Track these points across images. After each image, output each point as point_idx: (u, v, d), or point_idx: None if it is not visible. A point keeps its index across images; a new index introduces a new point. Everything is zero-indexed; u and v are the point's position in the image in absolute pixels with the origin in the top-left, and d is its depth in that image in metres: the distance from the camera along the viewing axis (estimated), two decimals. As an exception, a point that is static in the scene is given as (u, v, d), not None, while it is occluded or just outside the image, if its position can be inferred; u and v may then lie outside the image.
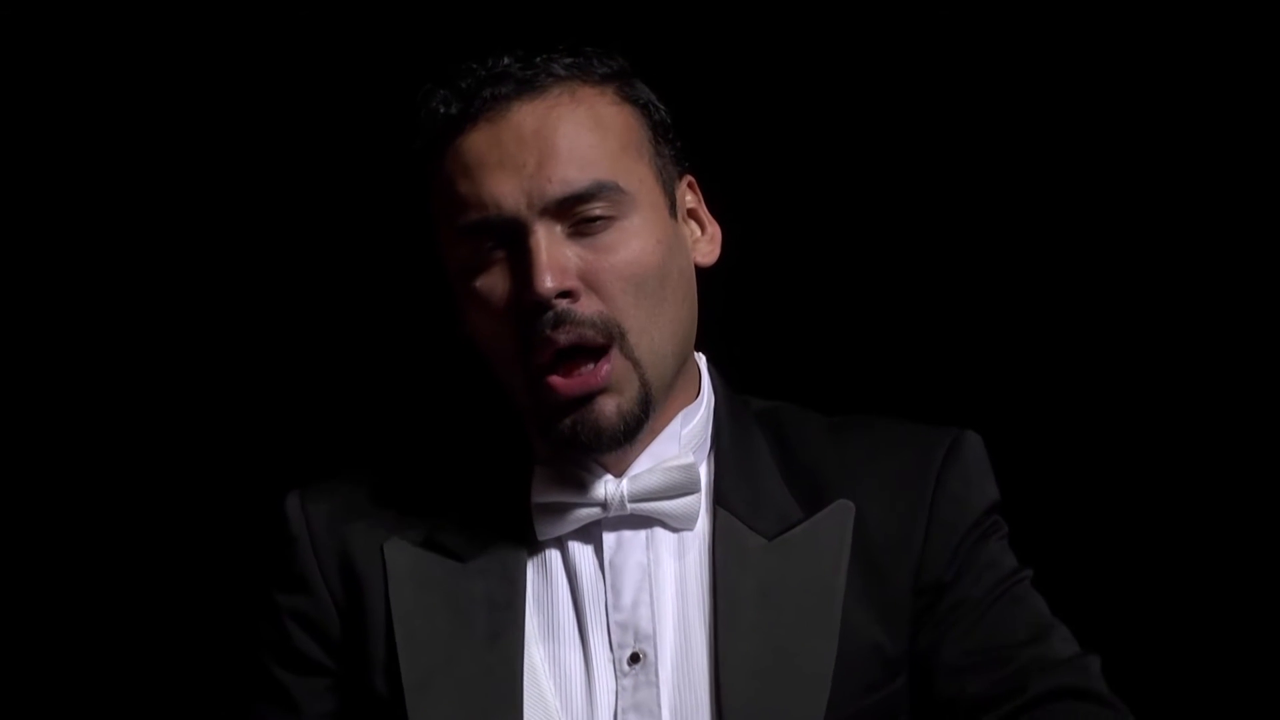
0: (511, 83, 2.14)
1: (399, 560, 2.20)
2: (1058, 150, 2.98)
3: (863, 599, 2.15)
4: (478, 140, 2.13)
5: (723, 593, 2.15)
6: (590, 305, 2.12)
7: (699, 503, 2.20)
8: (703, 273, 2.27)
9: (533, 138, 2.12)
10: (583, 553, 2.19)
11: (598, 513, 2.18)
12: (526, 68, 2.15)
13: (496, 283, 2.13)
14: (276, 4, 3.02)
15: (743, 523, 2.18)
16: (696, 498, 2.19)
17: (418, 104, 2.19)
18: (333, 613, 2.23)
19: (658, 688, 2.14)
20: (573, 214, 2.12)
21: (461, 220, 2.13)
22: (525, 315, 2.11)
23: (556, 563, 2.20)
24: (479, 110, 2.13)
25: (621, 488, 2.18)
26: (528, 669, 2.15)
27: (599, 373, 2.12)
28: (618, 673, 2.15)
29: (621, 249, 2.13)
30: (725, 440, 2.25)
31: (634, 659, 2.15)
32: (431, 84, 2.18)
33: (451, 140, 2.15)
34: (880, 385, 2.96)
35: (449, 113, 2.15)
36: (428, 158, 2.18)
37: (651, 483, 2.18)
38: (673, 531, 2.20)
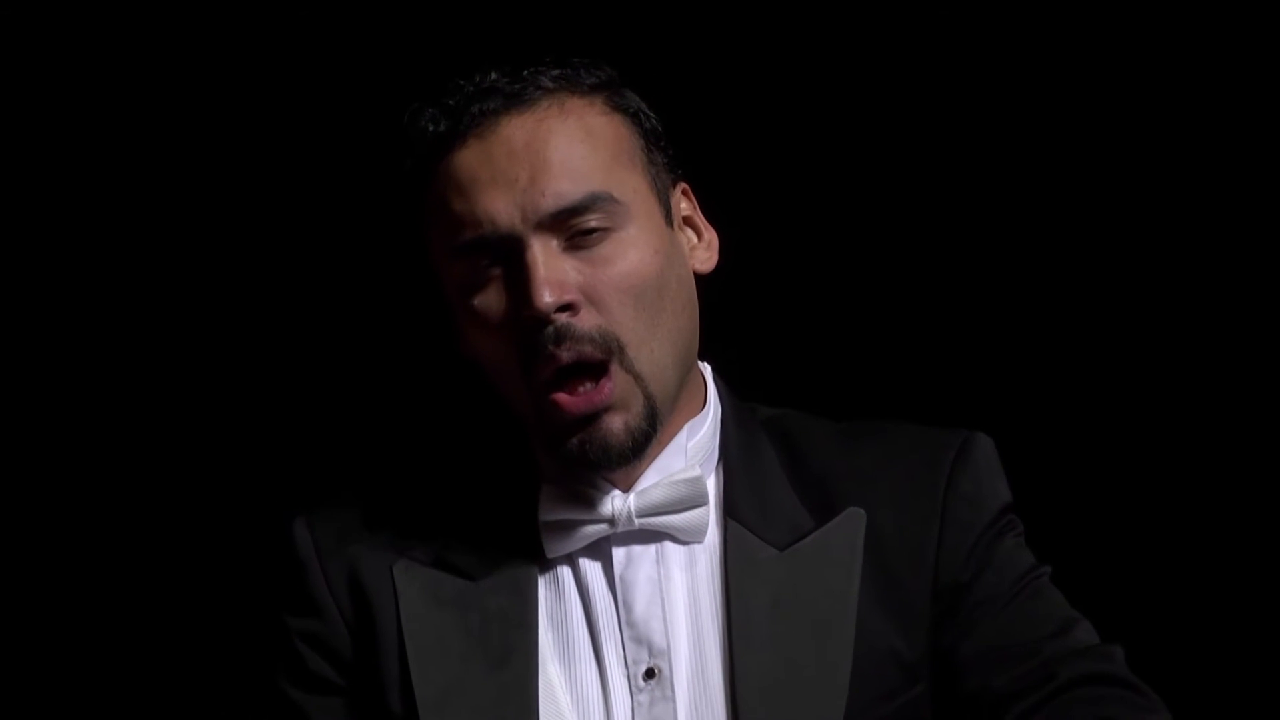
0: (499, 97, 2.13)
1: (409, 580, 2.19)
2: (1063, 150, 2.97)
3: (877, 606, 2.15)
4: (468, 157, 2.12)
5: (736, 605, 2.14)
6: (589, 319, 2.10)
7: (707, 515, 2.18)
8: (703, 278, 2.25)
9: (524, 151, 2.11)
10: (593, 569, 2.18)
11: (605, 529, 2.17)
12: (514, 81, 2.14)
13: (495, 300, 2.12)
14: (274, 11, 3.01)
15: (754, 534, 2.17)
16: (705, 510, 2.18)
17: (406, 123, 2.17)
18: (344, 633, 2.22)
19: (674, 702, 2.13)
20: (568, 227, 2.11)
21: (457, 239, 2.12)
22: (526, 331, 2.10)
23: (568, 579, 2.19)
24: (468, 127, 2.12)
25: (629, 503, 2.17)
26: (543, 687, 2.14)
27: (602, 391, 2.11)
28: (633, 689, 2.14)
29: (619, 260, 2.12)
30: (733, 450, 2.23)
31: (649, 674, 2.14)
32: (419, 103, 2.17)
33: (442, 158, 2.14)
34: (887, 388, 2.96)
35: (438, 131, 2.14)
36: (419, 177, 2.17)
37: (658, 497, 2.17)
38: (682, 544, 2.19)
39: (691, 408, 2.24)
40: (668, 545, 2.19)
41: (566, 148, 2.12)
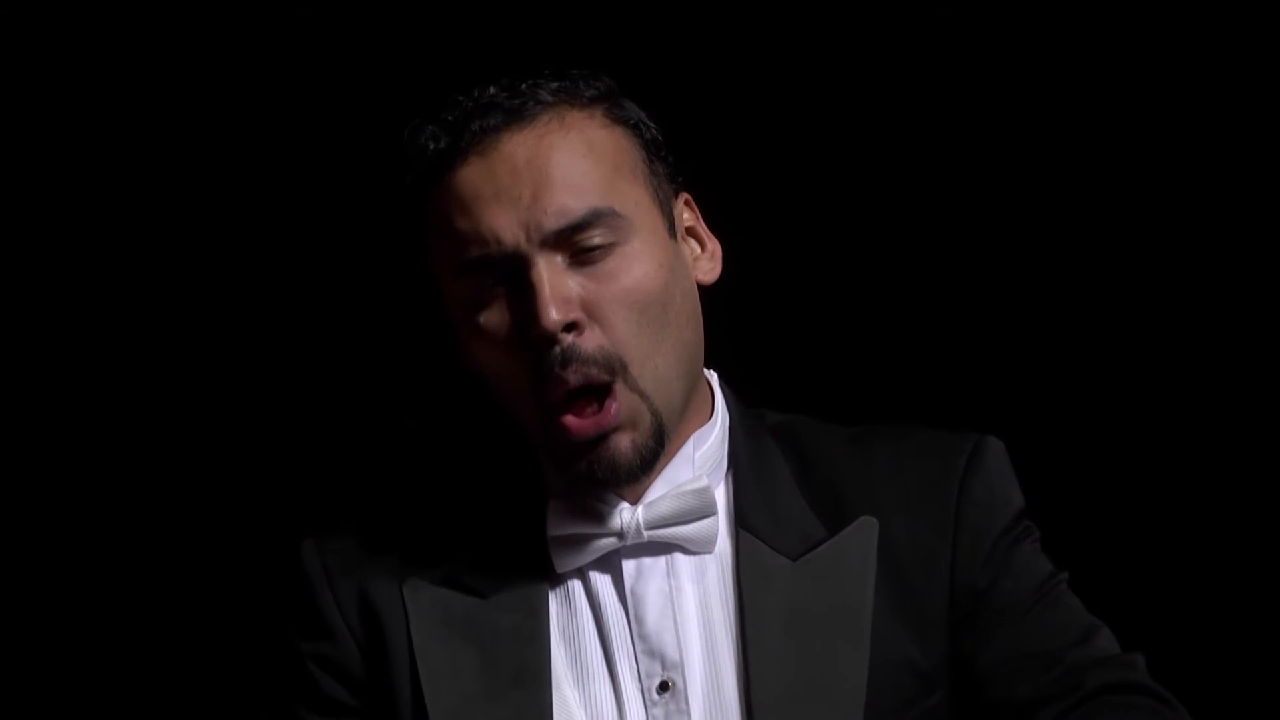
0: (499, 113, 2.12)
1: (419, 599, 2.18)
2: (1070, 153, 2.97)
3: (892, 615, 2.14)
4: (470, 174, 2.11)
5: (750, 616, 2.13)
6: (592, 339, 2.10)
7: (716, 525, 2.18)
8: (708, 286, 2.24)
9: (525, 168, 2.10)
10: (603, 582, 2.18)
11: (614, 542, 2.17)
12: (513, 96, 2.13)
13: (501, 318, 2.11)
14: (275, 17, 3.01)
15: (765, 544, 2.16)
16: (714, 520, 2.17)
17: (406, 140, 2.16)
18: (356, 655, 2.21)
19: (689, 715, 2.12)
20: (572, 243, 2.10)
21: (461, 257, 2.11)
22: (533, 350, 2.09)
23: (579, 594, 2.18)
24: (469, 144, 2.11)
25: (637, 516, 2.16)
26: (558, 703, 2.13)
27: (608, 413, 2.10)
28: (647, 703, 2.13)
29: (623, 276, 2.11)
30: (743, 459, 2.22)
31: (663, 687, 2.13)
32: (419, 120, 2.16)
33: (443, 175, 2.13)
34: (893, 392, 2.95)
35: (439, 148, 2.13)
36: (420, 194, 2.16)
37: (666, 509, 2.16)
38: (692, 555, 2.18)
39: (699, 418, 2.23)
40: (678, 556, 2.18)
41: (568, 163, 2.11)
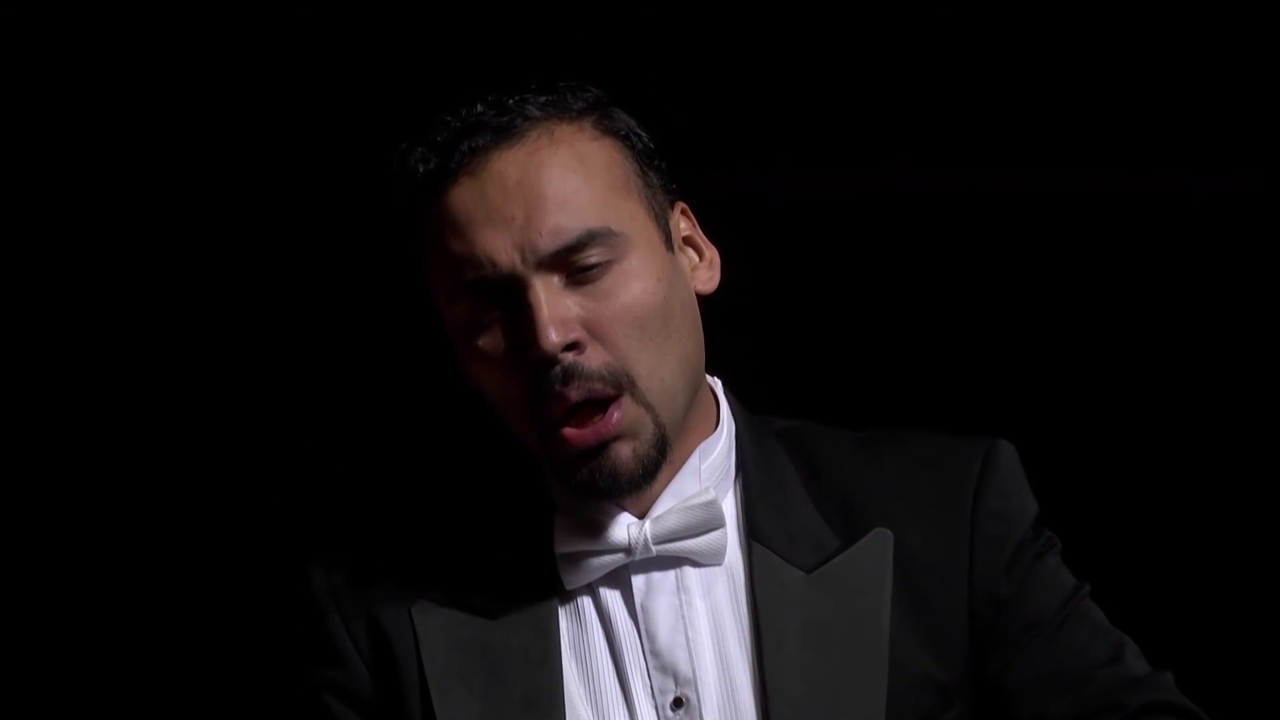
0: (488, 132, 2.09)
1: (428, 622, 2.16)
2: (1074, 156, 2.97)
3: (909, 629, 2.12)
4: (461, 196, 2.09)
5: (766, 630, 2.11)
6: (596, 356, 2.07)
7: (725, 537, 2.15)
8: (707, 295, 2.22)
9: (517, 189, 2.07)
10: (613, 598, 2.16)
11: (623, 558, 2.15)
12: (501, 113, 2.10)
13: (499, 339, 2.09)
14: (272, 22, 3.01)
15: (779, 555, 2.14)
16: (723, 532, 2.15)
17: (395, 163, 2.14)
18: (367, 680, 2.19)
19: None
20: (569, 263, 2.07)
21: (457, 279, 2.09)
22: (532, 371, 2.07)
23: (589, 611, 2.16)
24: (459, 165, 2.09)
25: (645, 530, 2.14)
26: None
27: (610, 421, 2.08)
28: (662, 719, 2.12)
29: (622, 292, 2.08)
30: (751, 468, 2.20)
31: (677, 704, 2.12)
32: (407, 142, 2.14)
33: (434, 197, 2.10)
34: (898, 394, 2.95)
35: (428, 169, 2.10)
36: (411, 215, 2.13)
37: (674, 523, 2.14)
38: (701, 568, 2.16)
39: (704, 428, 2.21)
40: (687, 570, 2.16)
41: (560, 181, 2.09)
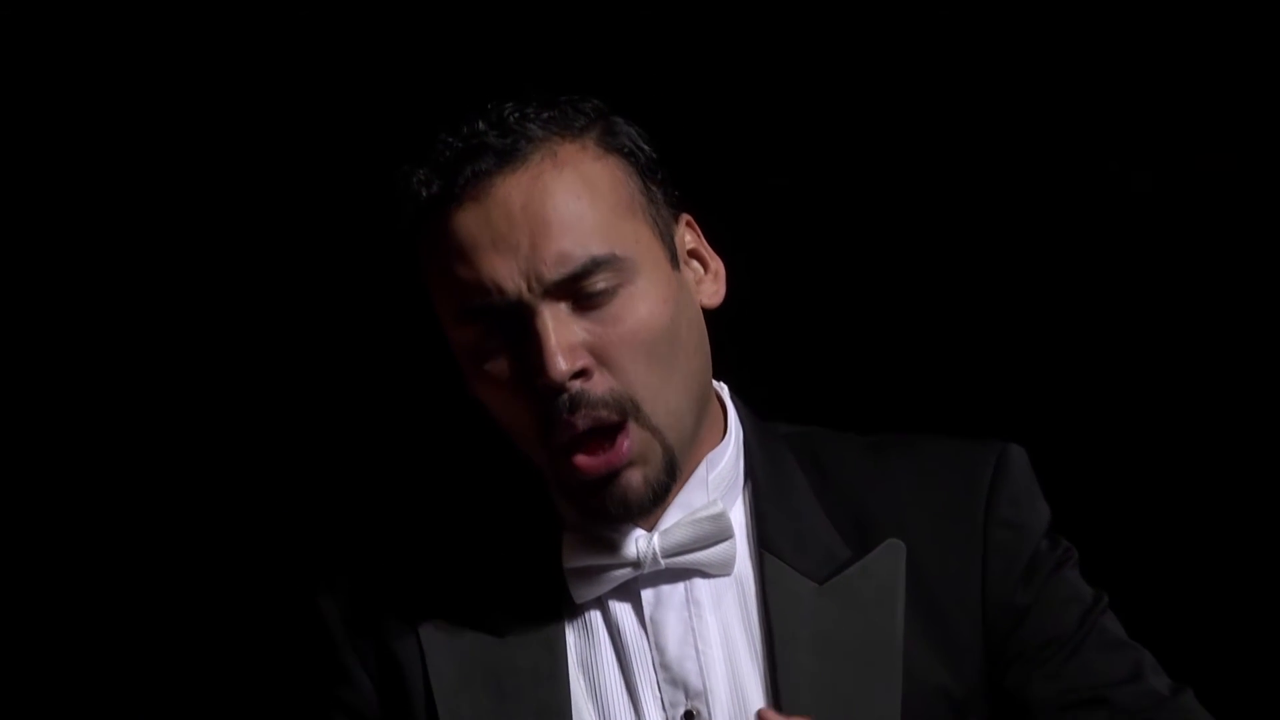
0: (491, 155, 2.07)
1: (435, 640, 2.15)
2: (1078, 160, 2.96)
3: (922, 641, 2.11)
4: (466, 221, 2.07)
5: (779, 642, 2.10)
6: (602, 383, 2.06)
7: (734, 548, 2.15)
8: (712, 309, 2.21)
9: (522, 215, 2.05)
10: (623, 611, 2.15)
11: (631, 572, 2.14)
12: (503, 134, 2.08)
13: (506, 364, 2.08)
14: (277, 26, 3.00)
15: (790, 566, 2.13)
16: (731, 543, 2.14)
17: (397, 183, 2.13)
18: (375, 700, 2.19)
19: None
20: (575, 290, 2.06)
21: (463, 304, 2.08)
22: (539, 398, 2.06)
23: (598, 624, 2.15)
24: (462, 189, 2.07)
25: (653, 544, 2.13)
26: None
27: (619, 450, 2.07)
28: None
29: (629, 317, 2.07)
30: (761, 476, 2.19)
31: (688, 716, 2.11)
32: (409, 163, 2.12)
33: (438, 221, 2.09)
34: (903, 397, 2.95)
35: (431, 193, 2.09)
36: (415, 238, 2.12)
37: (682, 536, 2.13)
38: (711, 579, 2.15)
39: (711, 437, 2.19)
40: (697, 581, 2.15)
41: (564, 206, 2.07)
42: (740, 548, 2.15)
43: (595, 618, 2.14)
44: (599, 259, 2.06)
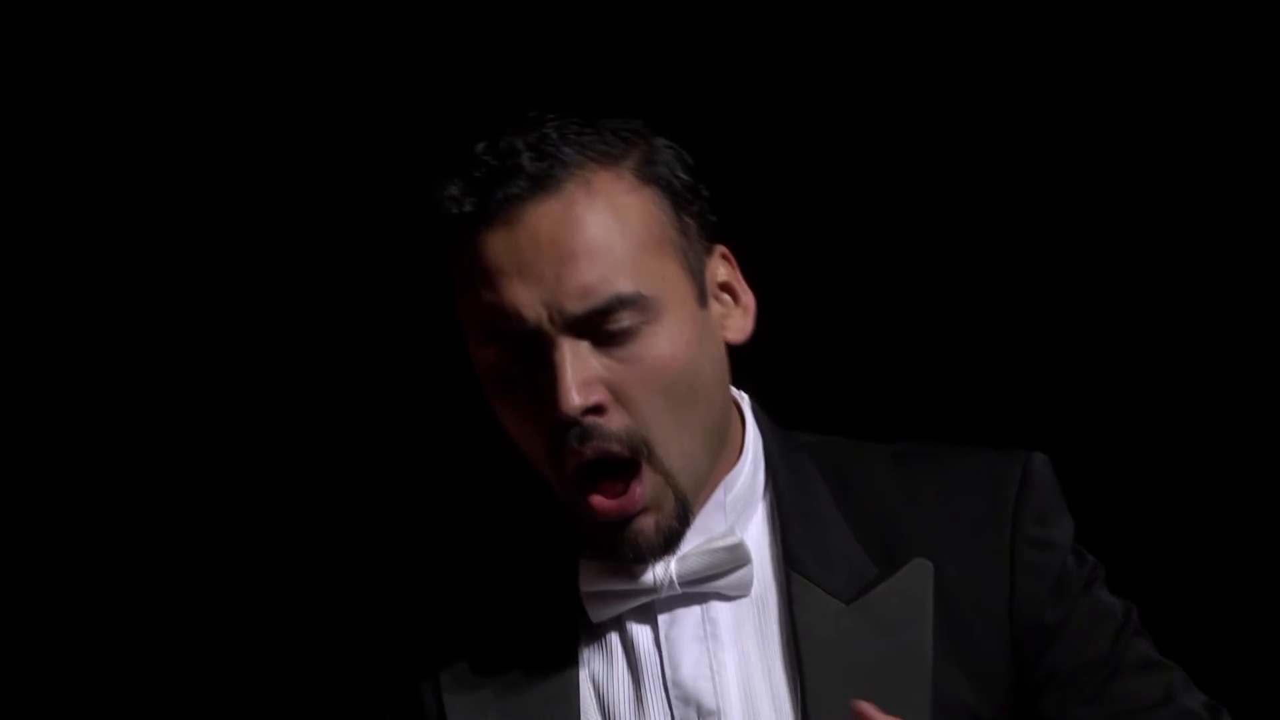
0: (524, 180, 2.04)
1: (450, 651, 2.15)
2: (1087, 167, 2.96)
3: (950, 662, 2.10)
4: (494, 244, 2.05)
5: (808, 662, 2.09)
6: (617, 419, 2.05)
7: (751, 573, 2.14)
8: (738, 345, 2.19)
9: (549, 245, 2.03)
10: (638, 631, 2.14)
11: (648, 596, 2.13)
12: (539, 157, 2.05)
13: (524, 389, 2.07)
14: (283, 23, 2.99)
15: (818, 585, 2.12)
16: (750, 568, 2.13)
17: (430, 193, 2.11)
18: (388, 703, 2.18)
19: None
20: (596, 326, 2.04)
21: (485, 325, 2.07)
22: (552, 428, 2.05)
23: (614, 643, 2.15)
24: (494, 212, 2.05)
25: (670, 571, 2.12)
26: None
27: (633, 497, 2.06)
28: None
29: (649, 357, 2.05)
30: (785, 492, 2.18)
31: None
32: (444, 175, 2.10)
33: (468, 240, 2.07)
34: (917, 402, 2.94)
35: (464, 211, 2.06)
36: (445, 252, 2.11)
37: (699, 564, 2.13)
38: (730, 600, 2.14)
39: (728, 460, 2.18)
40: (714, 604, 2.14)
41: (593, 239, 2.04)
42: (763, 564, 2.15)
43: (611, 637, 2.14)
44: (623, 297, 2.03)
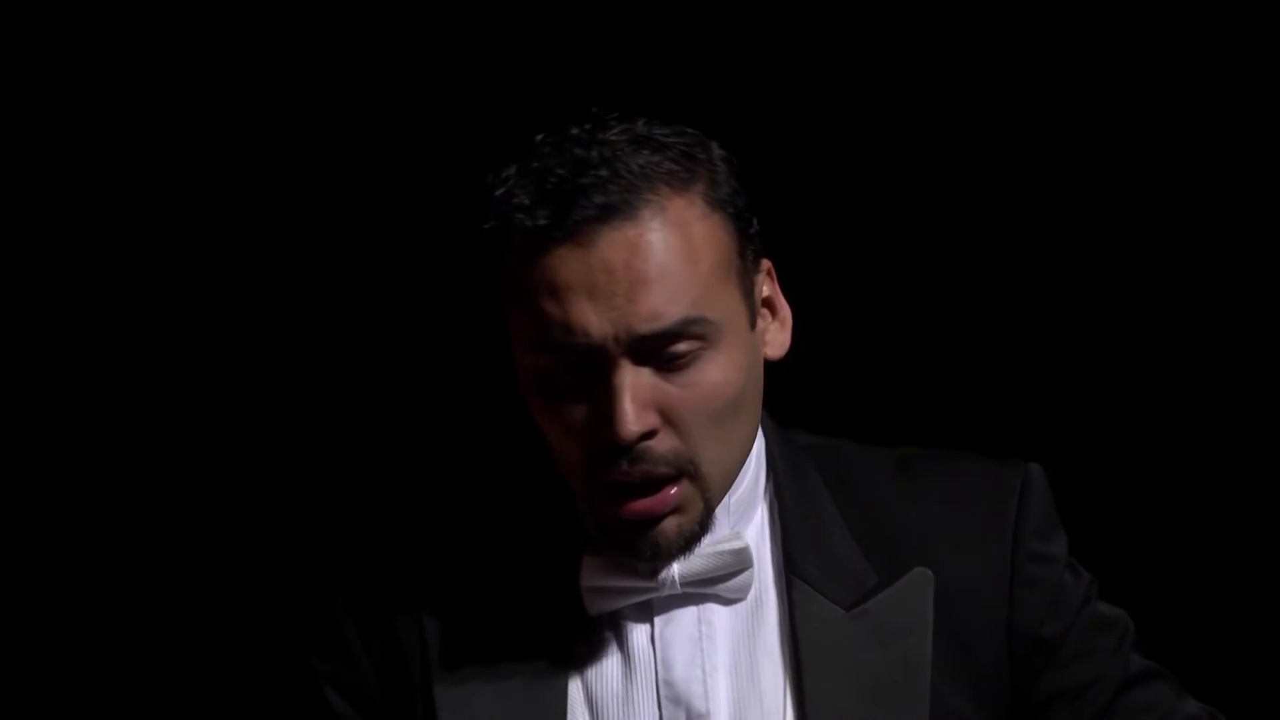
0: (601, 200, 2.01)
1: (439, 637, 2.15)
2: (1077, 168, 2.97)
3: (948, 673, 2.13)
4: (565, 261, 2.02)
5: (807, 668, 2.11)
6: (666, 442, 2.05)
7: (752, 576, 2.15)
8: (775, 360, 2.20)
9: (623, 270, 2.01)
10: (634, 628, 2.15)
11: (648, 594, 2.14)
12: (613, 176, 2.02)
13: (573, 402, 2.05)
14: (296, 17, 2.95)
15: (819, 592, 2.14)
16: (751, 572, 2.15)
17: (489, 189, 2.08)
18: (373, 682, 2.18)
19: None
20: (659, 349, 2.03)
21: (542, 335, 2.04)
22: (600, 445, 2.04)
23: (608, 638, 2.15)
24: (567, 232, 2.01)
25: (673, 572, 2.13)
26: None
27: (665, 498, 2.06)
28: None
29: (704, 382, 2.05)
30: (788, 496, 2.19)
31: None
32: (510, 171, 2.07)
33: (533, 251, 2.04)
34: (910, 407, 2.96)
35: (535, 224, 2.03)
36: (501, 253, 2.07)
37: (702, 566, 2.13)
38: (728, 604, 2.16)
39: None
40: (712, 606, 2.15)
41: (666, 264, 2.02)
42: (762, 568, 2.16)
43: (606, 632, 2.14)
44: (690, 319, 2.02)
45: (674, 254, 2.03)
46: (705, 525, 2.10)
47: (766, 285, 2.16)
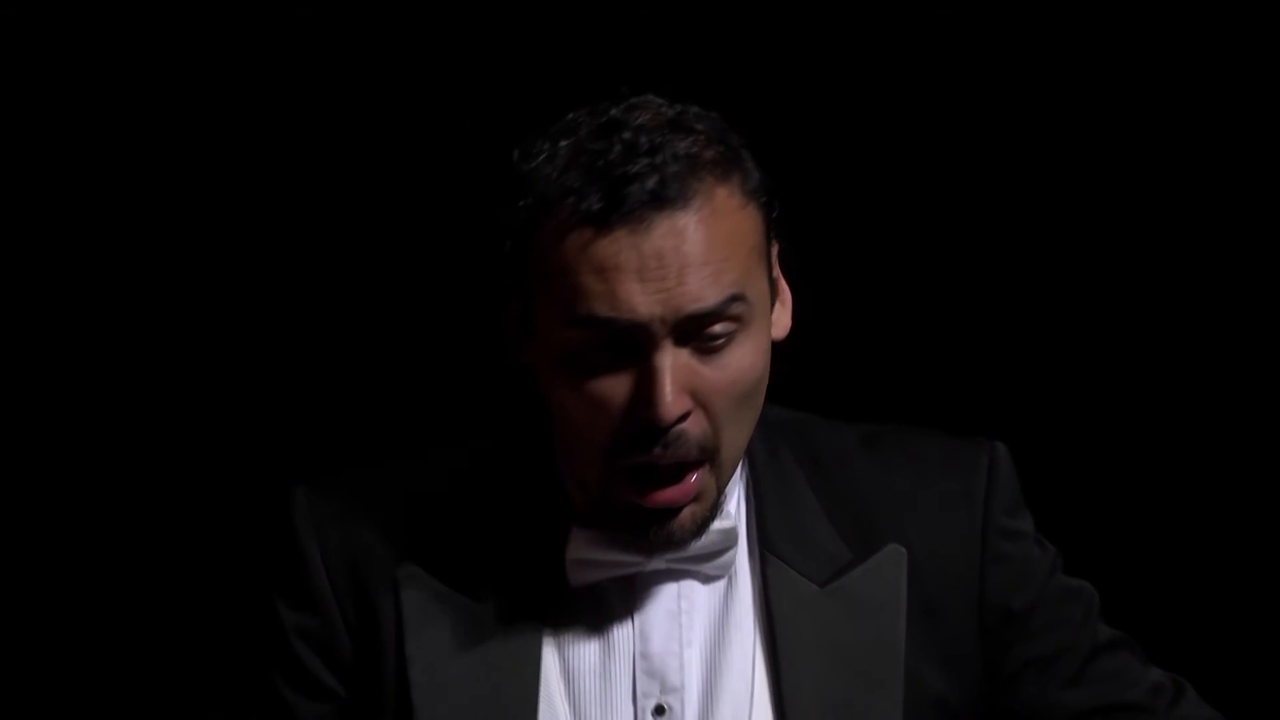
0: (654, 187, 2.01)
1: (415, 595, 2.15)
2: (1074, 155, 2.98)
3: (921, 649, 2.16)
4: (615, 244, 2.01)
5: (782, 644, 2.13)
6: (697, 424, 2.05)
7: (735, 555, 2.16)
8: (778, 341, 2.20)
9: (674, 255, 2.01)
10: (614, 599, 2.15)
11: (631, 569, 2.14)
12: (664, 164, 2.02)
13: (606, 380, 2.04)
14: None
15: (792, 568, 2.16)
16: (734, 551, 2.16)
17: (521, 160, 2.06)
18: (344, 636, 2.17)
19: None
20: (700, 329, 2.03)
21: (581, 310, 2.02)
22: (635, 427, 2.04)
23: (586, 608, 2.15)
24: (618, 218, 2.00)
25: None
26: (545, 718, 2.13)
27: (686, 487, 2.07)
28: None
29: (733, 366, 2.06)
30: (762, 472, 2.20)
31: (659, 710, 2.14)
32: (543, 146, 2.05)
33: (582, 233, 2.02)
34: (886, 387, 2.98)
35: (588, 207, 2.01)
36: (535, 228, 2.05)
37: (692, 545, 2.13)
38: (708, 581, 2.17)
39: None
40: (692, 582, 2.16)
41: (713, 250, 2.03)
42: (740, 548, 2.17)
43: (586, 602, 2.15)
44: (733, 295, 2.03)
45: (721, 240, 2.03)
46: (715, 512, 2.11)
47: (776, 268, 2.16)
